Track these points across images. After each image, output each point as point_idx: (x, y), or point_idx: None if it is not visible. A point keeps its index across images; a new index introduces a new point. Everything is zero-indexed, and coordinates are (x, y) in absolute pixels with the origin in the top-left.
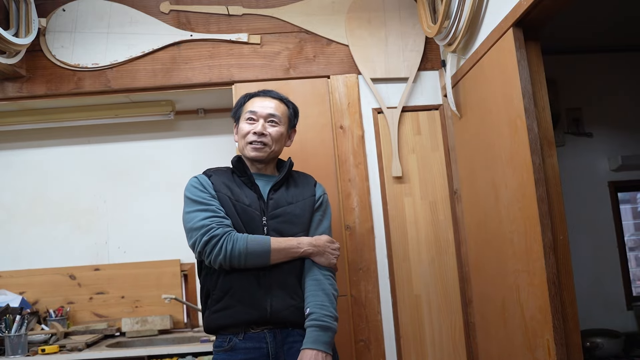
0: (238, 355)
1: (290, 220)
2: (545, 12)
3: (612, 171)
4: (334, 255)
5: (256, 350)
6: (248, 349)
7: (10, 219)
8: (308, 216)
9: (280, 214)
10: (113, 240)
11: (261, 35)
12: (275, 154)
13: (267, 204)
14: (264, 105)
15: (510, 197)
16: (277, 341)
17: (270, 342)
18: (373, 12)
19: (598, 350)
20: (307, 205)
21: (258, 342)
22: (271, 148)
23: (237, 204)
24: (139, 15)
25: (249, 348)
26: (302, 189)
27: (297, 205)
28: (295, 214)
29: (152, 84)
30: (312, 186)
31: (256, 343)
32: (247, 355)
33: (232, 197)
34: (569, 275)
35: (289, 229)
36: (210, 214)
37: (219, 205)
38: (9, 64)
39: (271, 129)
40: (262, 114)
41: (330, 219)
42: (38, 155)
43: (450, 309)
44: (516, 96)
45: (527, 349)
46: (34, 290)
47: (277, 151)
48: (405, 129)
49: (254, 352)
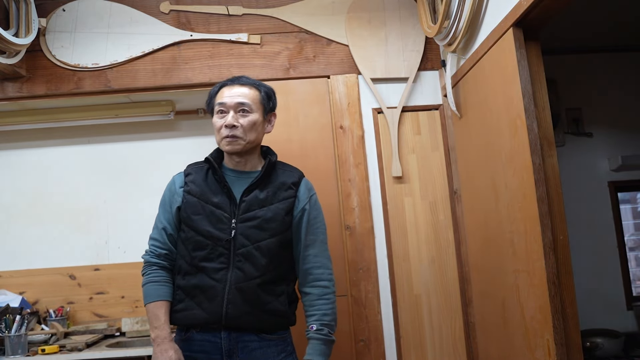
0: (194, 346)
1: (259, 226)
2: (545, 12)
3: (612, 171)
4: None
5: (209, 343)
6: (203, 341)
7: (10, 219)
8: (283, 221)
9: (250, 217)
10: (113, 240)
11: (261, 35)
12: (252, 144)
13: (238, 206)
14: (232, 94)
15: (510, 197)
16: (232, 338)
17: (224, 339)
18: (373, 12)
19: (598, 350)
20: (281, 209)
21: (213, 337)
22: (245, 139)
23: (206, 206)
24: (139, 15)
25: (203, 340)
26: (279, 189)
27: (270, 209)
28: (267, 219)
29: (152, 84)
30: (293, 185)
31: (211, 337)
32: (201, 347)
33: (202, 197)
34: (569, 275)
35: (257, 234)
36: (156, 233)
37: (170, 218)
38: (9, 64)
39: (242, 120)
40: (231, 104)
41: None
42: (38, 155)
43: (450, 309)
44: (516, 96)
45: (527, 349)
46: (34, 290)
47: (253, 141)
48: (405, 129)
49: (207, 345)
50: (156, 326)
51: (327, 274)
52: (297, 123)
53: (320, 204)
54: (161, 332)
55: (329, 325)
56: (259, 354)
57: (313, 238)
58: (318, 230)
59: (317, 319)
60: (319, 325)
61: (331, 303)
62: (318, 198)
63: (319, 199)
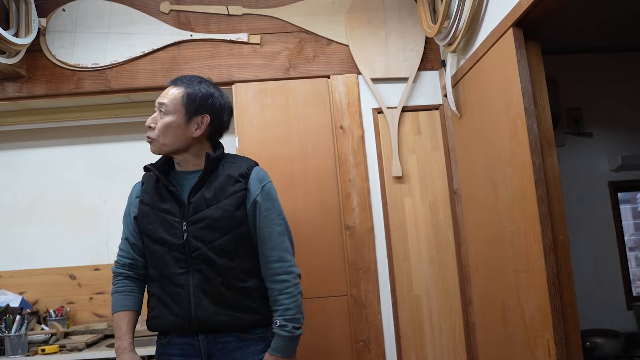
0: (174, 349)
1: (210, 226)
2: (545, 12)
3: (612, 171)
4: None
5: (190, 346)
6: (183, 344)
7: (10, 219)
8: (233, 217)
9: (199, 218)
10: (113, 240)
11: (261, 35)
12: (170, 147)
13: (187, 209)
14: (163, 93)
15: (510, 197)
16: (209, 340)
17: (202, 341)
18: (373, 12)
19: (598, 350)
20: (230, 205)
21: (192, 340)
22: (160, 141)
23: (158, 213)
24: (139, 15)
25: (183, 343)
26: (226, 184)
27: (219, 207)
28: (216, 218)
29: (152, 84)
30: (241, 178)
31: (190, 340)
32: (181, 350)
33: (154, 205)
34: (569, 275)
35: (209, 235)
36: (122, 243)
37: (131, 228)
38: (9, 64)
39: (159, 121)
40: (156, 104)
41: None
42: (38, 155)
43: (450, 309)
44: (516, 96)
45: (527, 349)
46: (34, 290)
47: (170, 144)
48: (405, 129)
49: (188, 347)
50: (118, 336)
51: (286, 267)
52: (297, 123)
53: (275, 191)
54: (121, 342)
55: (292, 320)
56: (238, 354)
57: (268, 231)
58: (273, 222)
59: (280, 314)
60: (282, 320)
61: (292, 297)
62: (273, 186)
63: (318, 198)
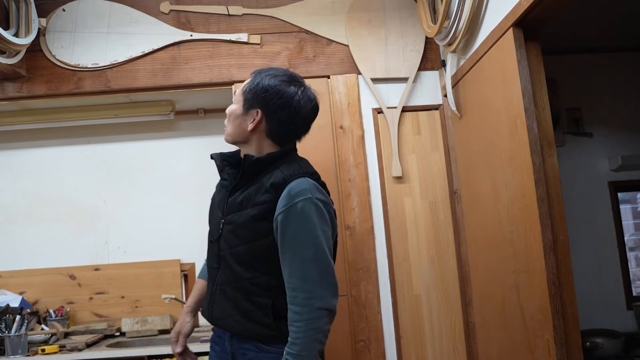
0: (214, 338)
1: (234, 231)
2: (545, 12)
3: (612, 171)
4: None
5: (220, 340)
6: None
7: (10, 219)
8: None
9: (229, 221)
10: (113, 240)
11: (261, 35)
12: (232, 136)
13: (224, 208)
14: None
15: (510, 197)
16: (233, 342)
17: (227, 340)
18: (373, 12)
19: (598, 350)
20: (252, 215)
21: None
22: (226, 129)
23: (213, 204)
24: (139, 15)
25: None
26: (257, 191)
27: (242, 214)
28: (238, 224)
29: (152, 84)
30: (272, 188)
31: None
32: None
33: (215, 194)
34: (569, 275)
35: (233, 240)
36: None
37: None
38: (9, 64)
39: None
40: None
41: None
42: (38, 155)
43: (450, 309)
44: (516, 96)
45: (527, 349)
46: (34, 290)
47: (231, 133)
48: (405, 129)
49: (219, 342)
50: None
51: (301, 298)
52: None
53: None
54: (186, 303)
55: (295, 356)
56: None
57: (290, 255)
58: (298, 245)
59: (287, 345)
60: (285, 353)
61: (301, 332)
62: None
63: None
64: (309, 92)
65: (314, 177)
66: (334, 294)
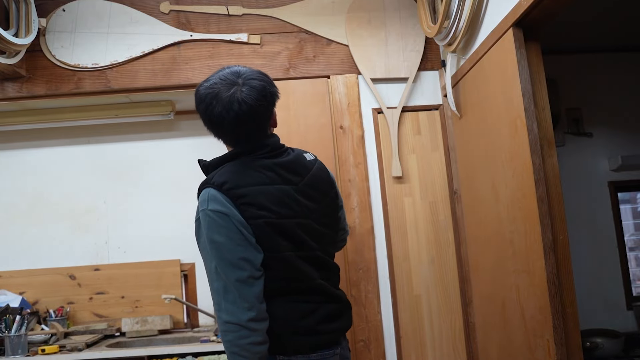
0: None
1: None
2: (545, 12)
3: (612, 171)
4: None
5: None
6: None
7: (10, 219)
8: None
9: None
10: (113, 240)
11: (261, 35)
12: None
13: None
14: None
15: (510, 197)
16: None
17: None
18: (373, 12)
19: (598, 350)
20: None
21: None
22: None
23: None
24: (139, 15)
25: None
26: None
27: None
28: None
29: (152, 84)
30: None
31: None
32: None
33: None
34: (569, 275)
35: None
36: None
37: None
38: (9, 64)
39: None
40: None
41: (213, 253)
42: (38, 155)
43: (450, 309)
44: (516, 96)
45: (527, 349)
46: (34, 290)
47: None
48: (405, 129)
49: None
50: None
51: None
52: (297, 123)
53: (207, 221)
54: None
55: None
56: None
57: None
58: (205, 258)
59: None
60: None
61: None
62: (210, 214)
63: None
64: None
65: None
66: (246, 308)
